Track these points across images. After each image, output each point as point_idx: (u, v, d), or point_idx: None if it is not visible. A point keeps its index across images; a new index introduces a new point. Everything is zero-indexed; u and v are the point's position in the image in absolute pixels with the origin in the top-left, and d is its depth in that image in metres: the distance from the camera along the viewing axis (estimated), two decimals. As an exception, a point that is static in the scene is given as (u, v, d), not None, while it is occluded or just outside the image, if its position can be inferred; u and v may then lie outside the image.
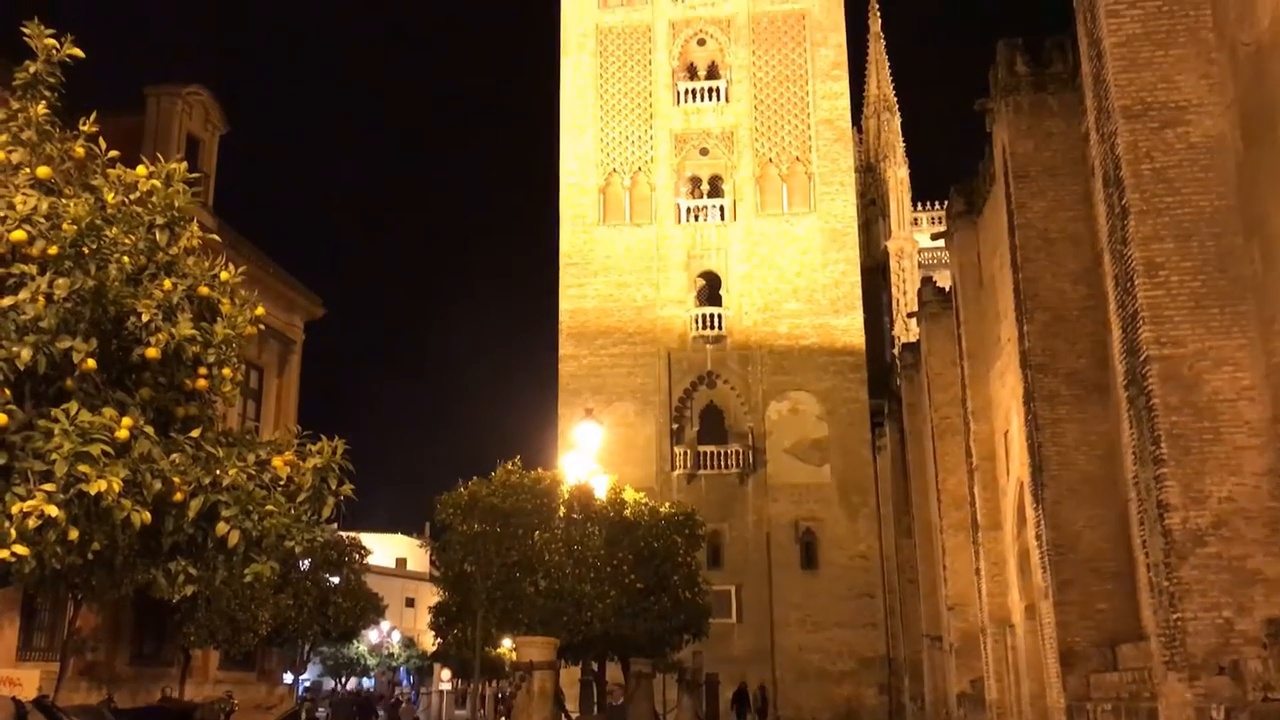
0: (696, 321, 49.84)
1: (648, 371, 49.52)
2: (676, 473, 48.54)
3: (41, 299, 6.40)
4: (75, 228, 6.69)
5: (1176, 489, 13.82)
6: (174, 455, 6.89)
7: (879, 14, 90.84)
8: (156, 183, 7.46)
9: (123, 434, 6.48)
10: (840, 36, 52.05)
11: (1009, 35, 24.24)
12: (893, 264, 72.93)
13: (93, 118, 7.51)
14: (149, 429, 6.78)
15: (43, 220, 6.63)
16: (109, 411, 6.53)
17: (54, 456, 6.17)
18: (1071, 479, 21.00)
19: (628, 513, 24.16)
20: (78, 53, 7.32)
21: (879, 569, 47.46)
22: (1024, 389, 22.36)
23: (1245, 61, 14.53)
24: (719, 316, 49.71)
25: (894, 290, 71.25)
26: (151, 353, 6.97)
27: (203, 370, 7.36)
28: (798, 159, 51.19)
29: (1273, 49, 13.72)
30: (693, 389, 49.86)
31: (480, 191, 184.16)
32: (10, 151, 7.01)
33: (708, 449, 49.25)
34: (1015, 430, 25.14)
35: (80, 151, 7.41)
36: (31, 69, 7.22)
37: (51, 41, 7.23)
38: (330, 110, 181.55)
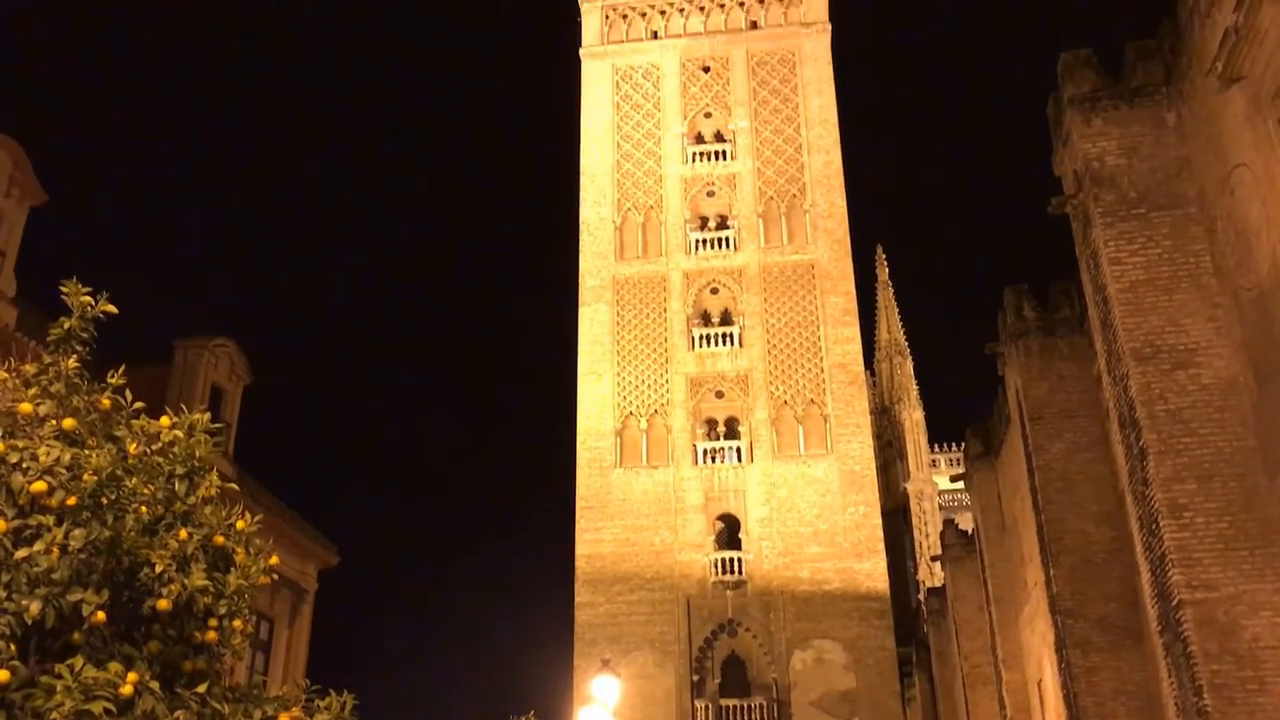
0: (716, 566, 49.04)
1: (666, 619, 48.33)
2: (698, 727, 46.55)
3: (56, 550, 6.35)
4: (96, 478, 6.72)
5: (1225, 744, 13.15)
6: (178, 713, 6.64)
7: (886, 263, 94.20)
8: (179, 433, 7.54)
9: (127, 690, 6.28)
10: (849, 285, 53.64)
11: (1014, 281, 24.93)
12: (913, 506, 72.42)
13: (121, 370, 7.67)
14: (154, 684, 6.57)
15: (64, 471, 6.67)
16: (114, 666, 6.35)
17: (54, 716, 5.95)
18: (1112, 732, 20.05)
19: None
20: (111, 309, 7.57)
21: (915, 832, 44.62)
22: (1055, 636, 21.68)
23: (1249, 305, 14.83)
24: (739, 561, 48.95)
25: (916, 533, 70.45)
26: (163, 604, 6.85)
27: (213, 622, 7.20)
28: (813, 402, 51.74)
29: (1274, 293, 14.03)
30: (713, 637, 48.49)
31: (497, 436, 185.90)
32: (39, 404, 7.13)
33: (730, 702, 47.38)
34: (1049, 679, 24.19)
35: (107, 403, 7.54)
36: (66, 325, 7.45)
37: (87, 299, 7.49)
38: (352, 360, 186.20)
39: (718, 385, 52.58)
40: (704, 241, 54.60)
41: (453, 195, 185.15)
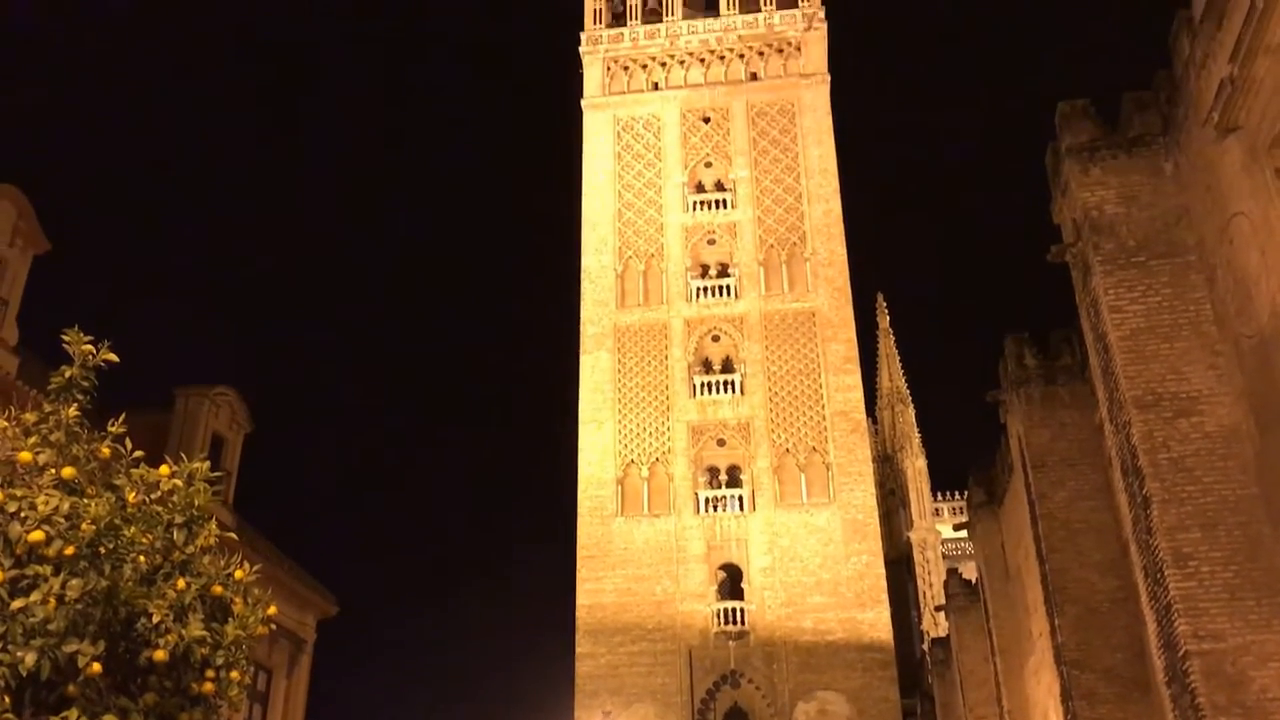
0: (718, 616, 48.64)
1: (668, 670, 47.85)
2: (700, 781, 45.95)
3: (53, 601, 6.31)
4: (94, 527, 6.69)
5: (1235, 798, 12.96)
6: (173, 766, 6.57)
7: (886, 311, 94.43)
8: (178, 482, 7.52)
9: (121, 743, 6.21)
10: (850, 332, 53.71)
11: (1015, 329, 24.98)
12: (916, 555, 72.01)
13: (121, 419, 7.67)
14: (149, 737, 6.50)
15: (62, 520, 6.64)
16: (110, 719, 6.29)
17: (48, 769, 5.88)
18: (1121, 786, 19.78)
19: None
20: (112, 357, 7.58)
21: None
22: (1060, 687, 21.46)
23: (1249, 353, 14.83)
24: (741, 611, 48.56)
25: (919, 582, 69.99)
26: (160, 655, 6.79)
27: (210, 673, 7.14)
28: (814, 450, 51.60)
29: (1274, 340, 14.04)
30: (715, 689, 47.98)
31: (498, 485, 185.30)
32: (39, 453, 7.12)
33: (733, 753, 46.79)
34: (1056, 731, 23.89)
35: (106, 452, 7.53)
36: (67, 374, 7.46)
37: (88, 347, 7.51)
38: (353, 410, 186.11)
39: (719, 433, 52.47)
40: (705, 289, 54.77)
41: (453, 243, 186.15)
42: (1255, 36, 13.22)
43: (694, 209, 56.44)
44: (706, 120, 58.22)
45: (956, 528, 51.95)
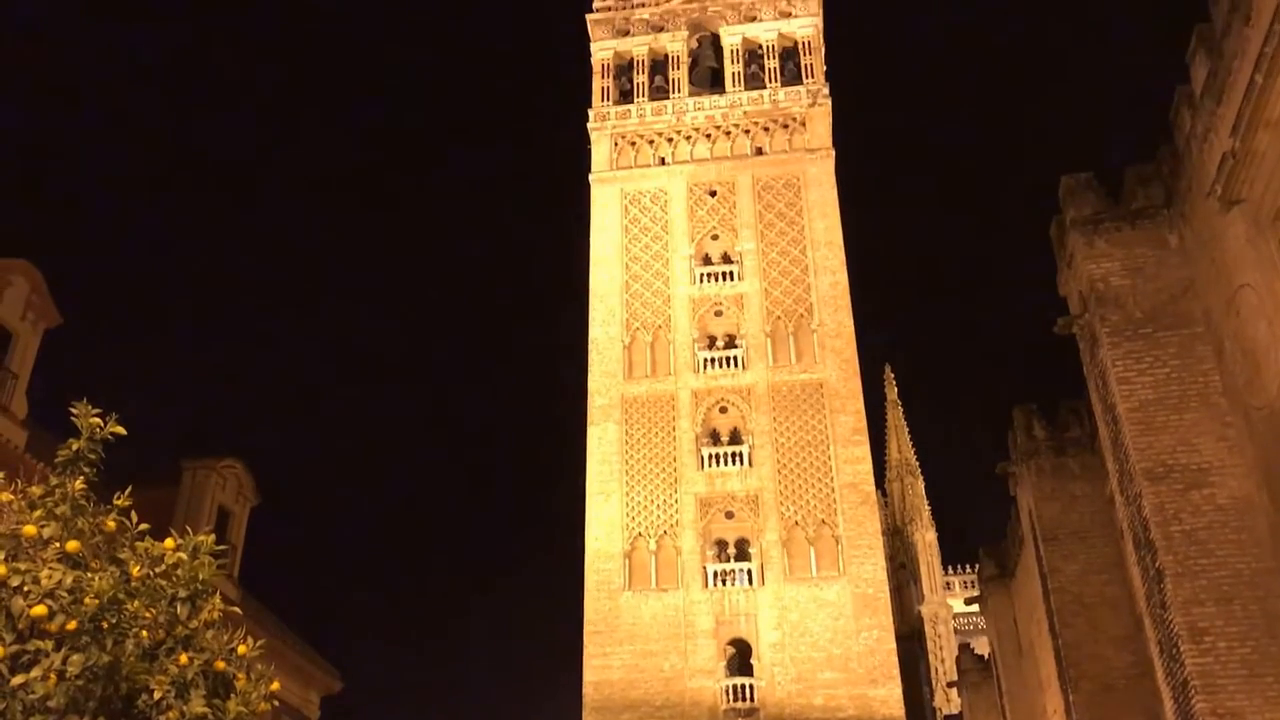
0: (727, 693, 47.90)
1: (677, 747, 47.00)
2: None
3: (53, 677, 6.24)
4: (97, 602, 6.64)
5: None
6: None
7: (894, 383, 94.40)
8: (183, 555, 7.48)
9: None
10: (858, 404, 53.59)
11: (1023, 400, 24.92)
12: (928, 630, 71.08)
13: (127, 492, 7.66)
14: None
15: (65, 595, 6.60)
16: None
17: None
18: None
19: None
20: (120, 430, 7.58)
21: None
22: (1078, 766, 21.03)
23: (1260, 425, 14.76)
24: (750, 687, 47.82)
25: (931, 657, 69.00)
26: (160, 732, 6.69)
27: (211, 750, 7.02)
28: (824, 522, 51.22)
29: (1286, 412, 13.99)
30: (725, 766, 47.08)
31: (504, 559, 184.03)
32: (44, 526, 7.10)
33: (743, 834, 45.75)
34: (1073, 812, 23.35)
35: (111, 525, 7.50)
36: (74, 446, 7.46)
37: (96, 421, 7.52)
38: (359, 483, 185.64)
39: (727, 505, 52.15)
40: (712, 360, 54.84)
41: (460, 314, 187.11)
42: (1255, 111, 13.36)
43: (701, 281, 56.79)
44: (713, 194, 58.83)
45: (968, 602, 51.37)
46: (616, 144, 60.61)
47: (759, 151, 59.72)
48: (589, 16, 62.62)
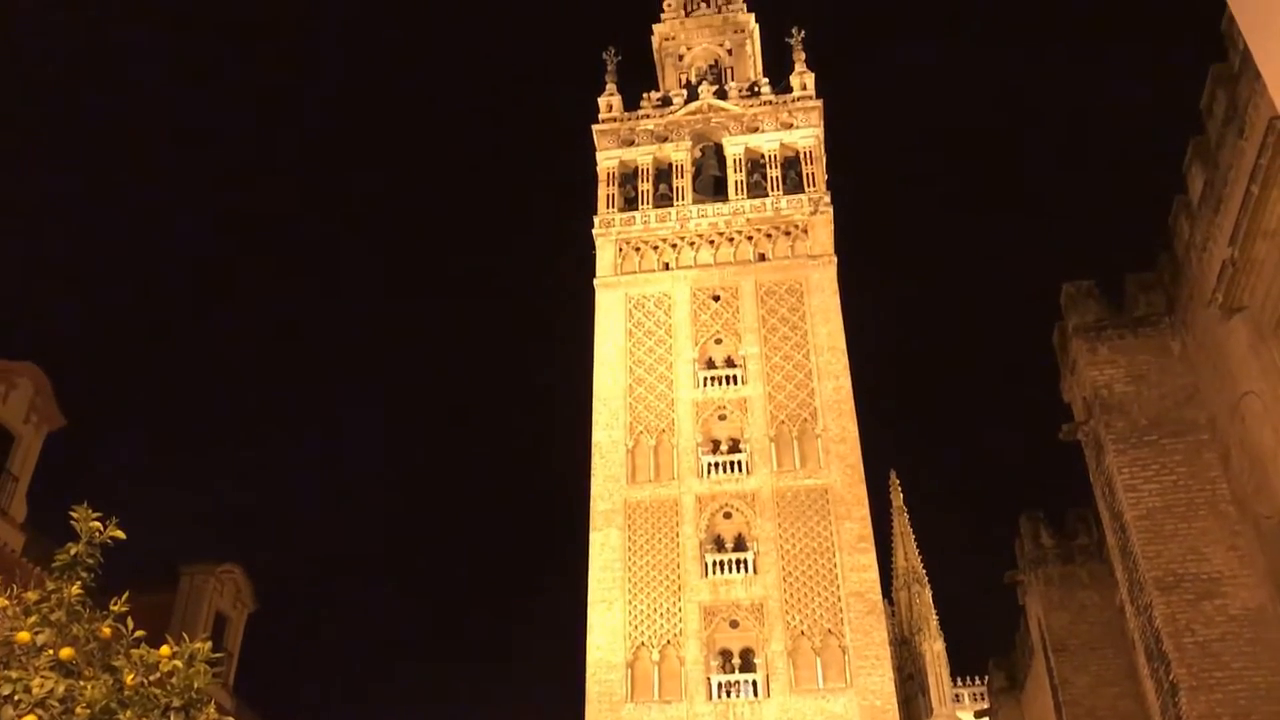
0: (731, 808, 46.53)
1: None
2: None
3: (41, 789, 6.08)
4: (89, 711, 6.51)
5: None
6: None
7: (900, 489, 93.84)
8: (178, 663, 7.35)
9: None
10: (864, 510, 53.15)
11: (1029, 507, 24.73)
12: (937, 743, 69.31)
13: (124, 597, 7.56)
14: None
15: (57, 704, 6.47)
16: None
17: None
18: None
19: None
20: (120, 535, 7.52)
21: None
22: None
23: (1270, 534, 14.61)
24: (755, 802, 46.46)
25: (941, 773, 67.10)
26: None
27: None
28: (830, 632, 50.35)
29: (1296, 521, 13.85)
30: None
31: (502, 670, 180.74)
32: (38, 633, 6.99)
33: None
34: None
35: (107, 632, 7.39)
36: (72, 551, 7.39)
37: (95, 524, 7.46)
38: (358, 591, 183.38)
39: (732, 614, 51.36)
40: (716, 465, 54.61)
41: (459, 419, 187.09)
42: (1253, 221, 13.53)
43: (705, 385, 56.90)
44: (716, 298, 59.32)
45: (978, 714, 50.25)
46: (621, 249, 61.36)
47: (762, 257, 60.36)
48: (595, 127, 63.99)
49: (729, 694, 49.53)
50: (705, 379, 56.88)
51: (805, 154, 63.70)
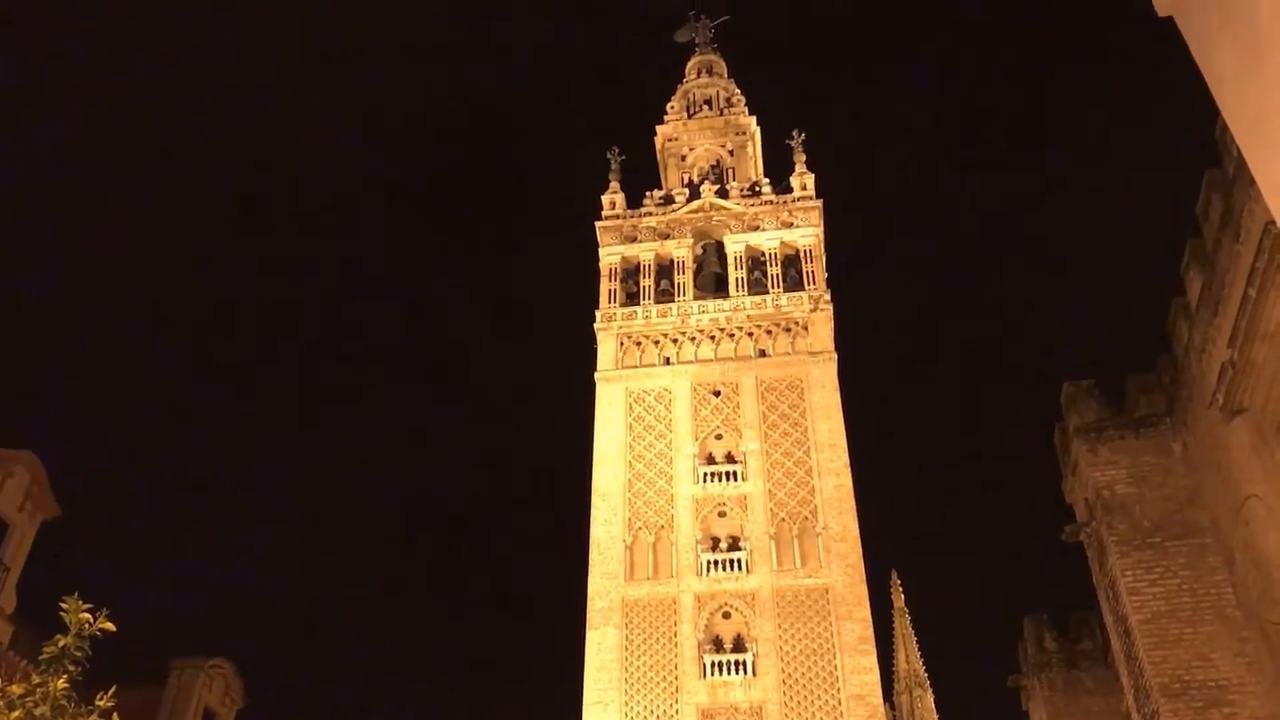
0: None
1: None
2: None
3: None
4: (69, 811, 6.34)
5: None
6: None
7: (901, 589, 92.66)
8: (163, 762, 7.19)
9: None
10: (865, 611, 52.44)
11: (1032, 608, 24.41)
12: None
13: (111, 692, 7.43)
14: None
15: (37, 803, 6.30)
16: None
17: None
18: None
19: None
20: (109, 627, 7.41)
21: None
22: None
23: (1278, 641, 14.38)
24: None
25: None
26: None
27: None
28: (830, 736, 49.28)
29: (1303, 627, 13.64)
30: None
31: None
32: (20, 728, 6.84)
33: None
34: None
35: (92, 728, 7.23)
36: (60, 643, 7.28)
37: (85, 616, 7.36)
38: (348, 689, 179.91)
39: (730, 717, 50.32)
40: (716, 563, 54.01)
41: (457, 519, 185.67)
42: (1251, 324, 13.59)
43: (705, 480, 56.61)
44: (717, 394, 59.35)
45: (983, 824, 48.85)
46: (622, 344, 61.58)
47: (762, 354, 60.54)
48: (598, 224, 64.74)
49: (727, 799, 48.26)
50: (705, 475, 56.59)
51: (805, 252, 64.42)
